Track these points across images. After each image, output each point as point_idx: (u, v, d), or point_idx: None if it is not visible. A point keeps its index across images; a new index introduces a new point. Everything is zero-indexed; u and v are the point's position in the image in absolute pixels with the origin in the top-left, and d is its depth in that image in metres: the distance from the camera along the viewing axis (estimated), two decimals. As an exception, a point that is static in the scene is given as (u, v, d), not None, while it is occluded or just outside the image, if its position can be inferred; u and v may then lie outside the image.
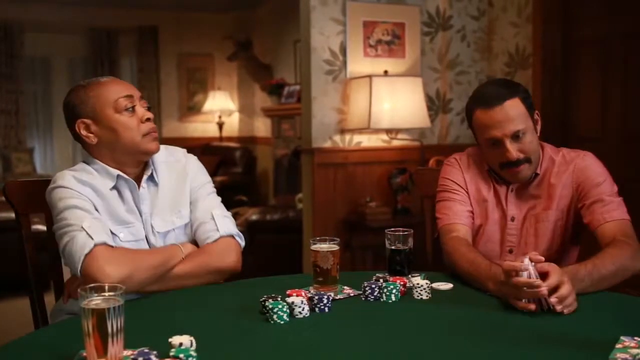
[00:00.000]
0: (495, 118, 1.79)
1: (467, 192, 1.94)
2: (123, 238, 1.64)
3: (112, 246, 1.54)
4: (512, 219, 1.90)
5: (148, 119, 1.69)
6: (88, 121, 1.66)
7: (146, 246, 1.68)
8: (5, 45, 7.94)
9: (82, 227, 1.51)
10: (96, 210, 1.61)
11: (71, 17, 8.08)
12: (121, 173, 1.67)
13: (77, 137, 1.70)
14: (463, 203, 1.92)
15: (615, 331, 1.24)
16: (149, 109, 1.72)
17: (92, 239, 1.50)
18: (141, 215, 1.69)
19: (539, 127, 1.88)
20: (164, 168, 1.76)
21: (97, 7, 8.06)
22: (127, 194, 1.69)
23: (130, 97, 1.67)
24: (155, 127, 1.72)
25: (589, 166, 1.85)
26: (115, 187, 1.67)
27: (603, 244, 1.71)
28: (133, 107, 1.67)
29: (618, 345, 1.17)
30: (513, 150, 1.80)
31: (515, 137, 1.79)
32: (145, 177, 1.71)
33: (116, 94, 1.66)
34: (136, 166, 1.71)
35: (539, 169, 1.87)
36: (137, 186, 1.69)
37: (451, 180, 1.96)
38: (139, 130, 1.66)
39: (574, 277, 1.48)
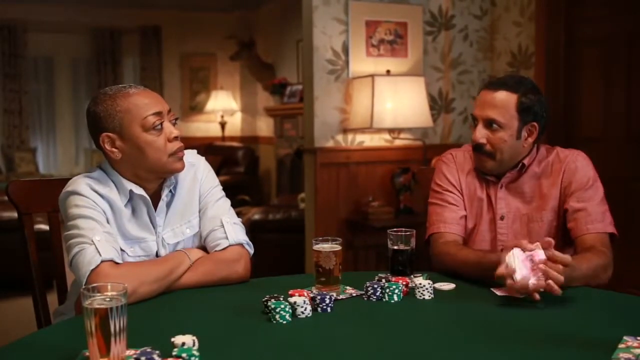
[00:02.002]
0: (483, 98, 1.85)
1: (461, 192, 1.94)
2: (132, 254, 1.62)
3: (118, 263, 1.51)
4: (502, 218, 1.89)
5: (175, 137, 1.62)
6: (113, 136, 1.59)
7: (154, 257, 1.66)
8: (8, 45, 7.97)
9: (92, 241, 1.49)
10: (108, 223, 1.57)
11: (74, 17, 8.10)
12: (136, 189, 1.61)
13: (100, 147, 1.63)
14: (455, 209, 1.91)
15: (618, 331, 1.23)
16: (176, 121, 1.66)
17: (100, 255, 1.47)
18: (155, 229, 1.66)
19: (530, 139, 1.85)
20: (180, 174, 1.71)
21: (100, 7, 8.08)
22: (141, 210, 1.64)
23: (159, 114, 1.59)
24: (182, 145, 1.64)
25: (580, 168, 1.85)
26: (129, 203, 1.63)
27: (581, 250, 1.74)
28: (161, 124, 1.60)
29: (621, 345, 1.17)
30: (479, 133, 1.84)
31: (489, 124, 1.82)
32: (166, 191, 1.67)
33: (145, 110, 1.58)
34: (157, 182, 1.66)
35: (526, 161, 1.87)
36: (151, 202, 1.65)
37: (446, 180, 1.95)
38: (165, 150, 1.60)
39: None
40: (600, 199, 1.82)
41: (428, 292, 1.53)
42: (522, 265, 1.43)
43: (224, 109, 8.57)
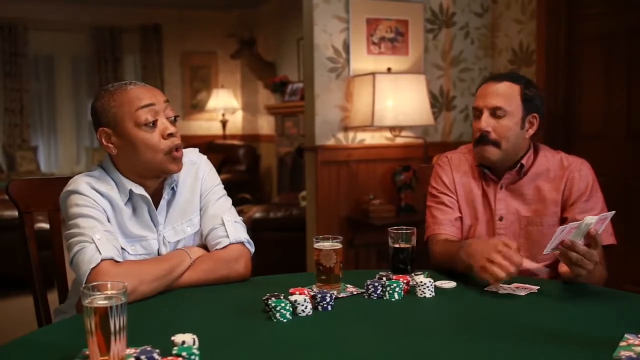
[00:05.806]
0: (486, 90, 1.89)
1: (456, 194, 1.95)
2: (133, 252, 1.61)
3: (118, 261, 1.51)
4: (501, 219, 1.90)
5: (170, 134, 1.58)
6: (109, 131, 1.58)
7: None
8: (9, 43, 7.96)
9: (92, 239, 1.49)
10: (109, 222, 1.57)
11: (74, 16, 8.09)
12: (136, 189, 1.60)
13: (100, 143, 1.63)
14: (449, 211, 1.94)
15: (620, 329, 1.23)
16: (175, 119, 1.62)
17: (100, 253, 1.47)
18: (156, 227, 1.66)
19: (530, 131, 1.89)
20: (181, 173, 1.69)
21: (100, 6, 8.07)
22: (142, 208, 1.64)
23: (151, 106, 1.56)
24: (179, 143, 1.60)
25: (583, 177, 1.86)
26: (130, 201, 1.63)
27: None
28: (155, 120, 1.57)
29: (622, 343, 1.17)
30: (485, 122, 1.85)
31: (495, 114, 1.84)
32: (167, 189, 1.66)
33: (136, 103, 1.56)
34: (157, 180, 1.65)
35: (524, 161, 1.89)
36: (152, 201, 1.64)
37: (441, 182, 1.98)
38: (159, 147, 1.57)
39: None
40: (599, 210, 1.82)
41: (429, 290, 1.53)
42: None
43: (225, 107, 8.56)
